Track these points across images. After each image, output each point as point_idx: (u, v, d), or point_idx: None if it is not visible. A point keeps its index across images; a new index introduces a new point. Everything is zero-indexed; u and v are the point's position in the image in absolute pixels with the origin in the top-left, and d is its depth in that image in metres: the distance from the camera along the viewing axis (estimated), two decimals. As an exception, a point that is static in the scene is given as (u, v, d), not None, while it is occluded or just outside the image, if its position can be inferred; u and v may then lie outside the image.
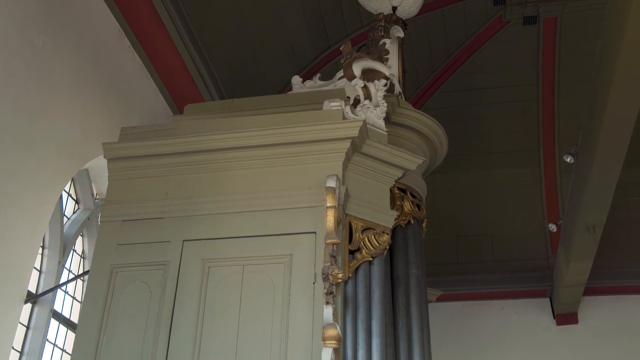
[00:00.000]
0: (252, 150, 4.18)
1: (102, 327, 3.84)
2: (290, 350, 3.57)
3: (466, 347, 9.54)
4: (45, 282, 5.19)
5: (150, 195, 4.19)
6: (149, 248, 4.01)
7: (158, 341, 3.71)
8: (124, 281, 3.95)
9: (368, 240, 4.06)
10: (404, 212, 4.84)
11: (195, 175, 4.23)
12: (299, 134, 4.11)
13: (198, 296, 3.81)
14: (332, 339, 3.42)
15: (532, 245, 9.89)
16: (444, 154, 5.48)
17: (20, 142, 4.50)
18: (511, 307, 9.84)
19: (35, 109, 4.68)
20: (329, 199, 3.79)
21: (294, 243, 3.87)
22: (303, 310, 3.65)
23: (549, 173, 9.75)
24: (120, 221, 4.13)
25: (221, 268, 3.89)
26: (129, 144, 4.33)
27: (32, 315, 5.12)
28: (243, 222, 3.99)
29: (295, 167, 4.13)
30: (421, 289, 4.76)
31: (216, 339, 3.69)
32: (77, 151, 5.17)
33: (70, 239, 5.52)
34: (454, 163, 9.74)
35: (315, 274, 3.71)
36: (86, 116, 5.29)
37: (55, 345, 5.43)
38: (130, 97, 5.98)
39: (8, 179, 4.38)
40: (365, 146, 4.20)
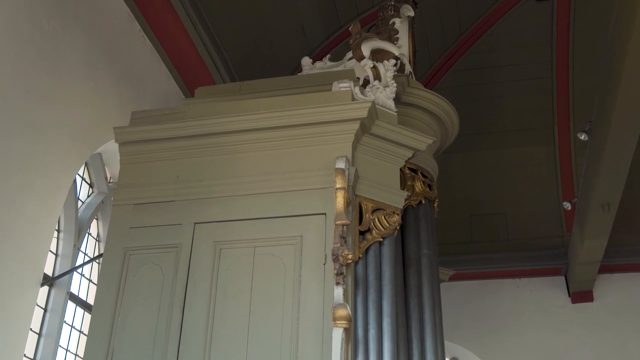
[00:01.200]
0: (262, 132, 4.19)
1: (117, 309, 3.90)
2: (302, 330, 3.60)
3: (481, 326, 9.57)
4: (61, 265, 5.26)
5: (162, 178, 4.22)
6: (161, 231, 4.05)
7: (171, 322, 3.77)
8: (137, 263, 4.00)
9: (378, 221, 4.08)
10: (415, 192, 4.84)
11: (206, 158, 4.25)
12: (308, 116, 4.11)
13: (210, 278, 3.85)
14: (342, 319, 3.45)
15: (547, 223, 9.85)
16: (455, 133, 5.45)
17: (33, 127, 4.54)
18: (526, 286, 9.83)
19: (46, 94, 4.72)
20: (338, 181, 3.80)
21: (304, 224, 3.89)
22: (314, 291, 3.68)
23: (564, 151, 9.69)
24: (132, 204, 4.18)
25: (232, 250, 3.92)
26: (140, 128, 4.36)
27: (50, 297, 5.21)
28: (254, 204, 4.02)
29: (305, 149, 4.14)
30: (433, 268, 4.77)
31: (228, 319, 3.73)
32: (90, 136, 5.21)
33: (85, 222, 5.58)
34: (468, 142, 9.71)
35: (326, 255, 3.73)
36: (98, 101, 5.33)
37: (72, 326, 5.52)
38: (142, 81, 6.00)
39: (21, 164, 4.43)
40: (374, 127, 4.19)
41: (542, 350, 9.23)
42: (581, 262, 8.81)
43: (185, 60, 6.55)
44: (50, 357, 5.04)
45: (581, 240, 8.35)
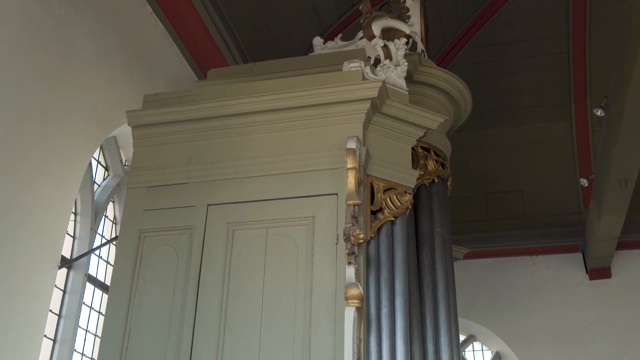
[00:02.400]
0: (273, 113, 4.21)
1: (133, 290, 3.96)
2: (314, 309, 3.64)
3: (498, 304, 9.57)
4: (79, 248, 5.34)
5: (175, 161, 4.26)
6: (174, 213, 4.10)
7: (186, 302, 3.82)
8: (152, 246, 4.05)
9: (390, 200, 4.09)
10: (428, 171, 4.84)
11: (218, 140, 4.28)
12: (318, 96, 4.11)
13: (223, 259, 3.89)
14: (354, 298, 3.48)
15: (563, 200, 9.79)
16: (468, 111, 5.42)
17: (46, 112, 4.59)
18: (543, 263, 9.81)
19: (59, 79, 4.76)
20: (349, 161, 3.81)
21: (316, 205, 3.92)
22: (326, 270, 3.71)
23: (581, 127, 9.60)
24: (146, 187, 4.23)
25: (245, 231, 3.96)
26: (152, 111, 4.39)
27: (68, 279, 5.29)
28: (266, 186, 4.05)
29: (316, 130, 4.15)
30: (446, 247, 4.77)
31: (242, 299, 3.78)
32: (104, 119, 5.26)
33: (101, 205, 5.65)
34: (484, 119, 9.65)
35: (338, 235, 3.75)
36: (111, 84, 5.36)
37: (91, 307, 5.61)
38: (154, 63, 6.02)
39: (36, 149, 4.49)
40: (385, 106, 4.19)
41: (559, 327, 9.22)
42: (598, 239, 8.77)
43: (197, 42, 6.56)
44: (70, 337, 5.13)
45: (598, 217, 8.30)
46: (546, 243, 9.74)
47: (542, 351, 9.14)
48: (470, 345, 9.82)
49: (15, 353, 4.24)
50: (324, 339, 3.55)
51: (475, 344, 9.85)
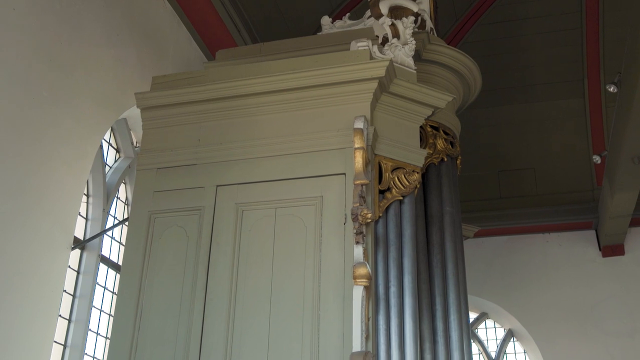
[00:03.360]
0: (280, 94, 4.21)
1: (144, 271, 4.00)
2: (323, 288, 3.67)
3: (511, 282, 9.59)
4: (92, 229, 5.40)
5: (183, 142, 4.28)
6: (184, 194, 4.12)
7: (197, 282, 3.86)
8: (162, 227, 4.09)
9: (398, 180, 4.09)
10: (437, 150, 4.83)
11: (226, 121, 4.29)
12: (326, 76, 4.11)
13: (233, 239, 3.92)
14: (362, 277, 3.50)
15: (576, 177, 9.75)
16: (478, 89, 5.39)
17: (56, 95, 4.62)
18: (556, 241, 9.79)
19: (68, 62, 4.79)
20: (356, 140, 3.81)
21: (324, 185, 3.93)
22: (334, 250, 3.73)
23: (594, 103, 9.51)
24: (155, 169, 4.25)
25: (254, 211, 3.99)
26: (161, 93, 4.40)
27: (82, 260, 5.36)
28: (274, 166, 4.06)
29: (324, 110, 4.15)
30: (456, 226, 4.78)
31: (251, 279, 3.81)
32: (113, 101, 5.28)
33: (113, 186, 5.70)
34: (496, 97, 9.61)
35: (346, 215, 3.76)
36: (120, 66, 5.38)
37: (105, 287, 5.69)
38: (163, 45, 6.03)
39: (47, 131, 4.53)
40: (393, 85, 4.18)
41: (572, 305, 9.23)
42: (612, 216, 8.73)
43: (206, 22, 6.55)
44: (85, 317, 5.21)
45: (611, 194, 8.26)
46: (559, 221, 9.72)
47: (555, 328, 9.16)
48: (482, 323, 9.86)
49: (30, 332, 4.32)
50: (333, 318, 3.58)
51: (488, 321, 9.89)
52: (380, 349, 3.70)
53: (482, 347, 9.65)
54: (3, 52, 4.20)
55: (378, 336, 3.71)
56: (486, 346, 9.68)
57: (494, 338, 9.77)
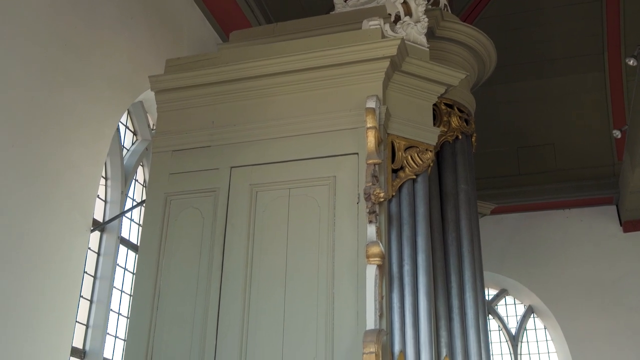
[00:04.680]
0: (293, 74, 4.22)
1: (161, 252, 4.07)
2: (337, 268, 3.70)
3: (530, 258, 9.55)
4: (111, 211, 5.48)
5: (198, 124, 4.31)
6: (199, 176, 4.17)
7: (213, 263, 3.92)
8: (178, 208, 4.14)
9: (411, 159, 4.09)
10: (452, 128, 4.83)
11: (239, 103, 4.32)
12: (337, 56, 4.11)
13: (247, 220, 3.96)
14: (375, 256, 3.53)
15: (597, 152, 9.65)
16: (493, 66, 5.35)
17: (72, 79, 4.67)
18: (576, 216, 9.72)
19: (83, 45, 4.83)
20: (369, 120, 3.82)
21: (337, 165, 3.95)
22: (348, 229, 3.76)
23: (615, 77, 9.37)
24: (170, 151, 4.30)
25: (268, 192, 4.02)
26: (174, 76, 4.43)
27: (102, 242, 5.45)
28: (287, 147, 4.08)
29: (336, 90, 4.15)
30: (471, 203, 4.78)
31: (266, 259, 3.86)
32: (129, 85, 5.33)
33: (130, 169, 5.77)
34: (514, 72, 9.52)
35: (359, 194, 3.78)
36: (134, 49, 5.41)
37: (125, 269, 5.78)
38: (177, 27, 6.05)
39: (63, 115, 4.58)
40: (405, 64, 4.16)
41: (592, 280, 9.19)
42: (632, 191, 8.64)
43: (221, 4, 6.55)
44: (106, 298, 5.31)
45: (632, 169, 8.18)
46: (579, 196, 9.64)
47: (575, 304, 9.14)
48: (502, 300, 9.86)
49: (53, 313, 4.41)
50: (347, 297, 3.61)
51: (508, 298, 9.88)
52: (395, 327, 3.73)
53: (502, 324, 9.66)
54: (19, 38, 4.25)
55: (392, 314, 3.75)
56: (506, 322, 9.69)
57: (513, 314, 9.77)
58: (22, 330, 4.14)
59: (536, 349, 9.53)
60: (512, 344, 9.53)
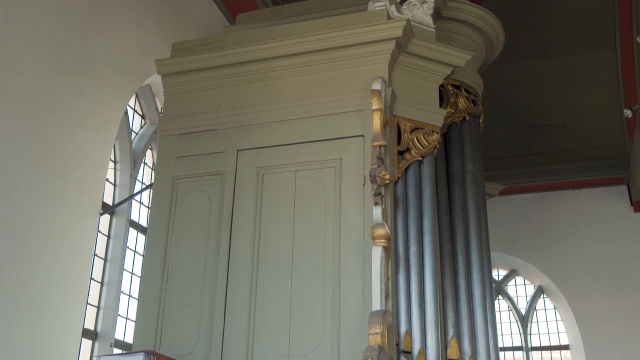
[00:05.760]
0: (298, 57, 4.22)
1: (169, 235, 4.11)
2: (343, 249, 3.73)
3: (540, 238, 9.53)
4: (120, 195, 5.52)
5: (204, 108, 4.33)
6: (206, 159, 4.20)
7: (220, 245, 3.95)
8: (185, 191, 4.18)
9: (417, 140, 4.10)
10: (459, 109, 4.81)
11: (245, 86, 4.33)
12: (342, 38, 4.10)
13: (254, 202, 3.99)
14: (381, 237, 3.54)
15: (607, 132, 9.58)
16: (500, 46, 5.32)
17: (79, 63, 4.69)
18: (586, 196, 9.67)
19: (90, 30, 4.84)
20: (374, 102, 3.82)
21: (343, 147, 3.96)
22: (354, 211, 3.78)
23: (626, 56, 9.28)
24: (177, 135, 4.32)
25: (275, 175, 4.05)
26: (181, 59, 4.44)
27: (112, 225, 5.49)
28: (293, 129, 4.10)
29: (341, 72, 4.15)
30: (478, 184, 4.78)
31: (273, 241, 3.89)
32: (136, 68, 5.34)
33: (139, 152, 5.80)
34: (525, 52, 9.44)
35: (365, 176, 3.79)
36: (141, 33, 5.42)
37: (135, 251, 5.83)
38: (184, 9, 6.04)
39: (71, 99, 4.61)
40: (411, 45, 4.15)
41: (603, 261, 9.16)
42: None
43: (227, -15, 6.54)
44: (117, 280, 5.37)
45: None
46: (589, 176, 9.58)
47: (585, 284, 9.12)
48: (512, 280, 9.86)
49: (64, 295, 4.47)
50: (353, 278, 3.64)
51: (518, 278, 9.88)
52: (401, 308, 3.76)
53: (511, 304, 9.68)
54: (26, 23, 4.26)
55: (398, 295, 3.78)
56: (516, 303, 9.70)
57: (523, 295, 9.78)
58: (35, 312, 4.20)
59: (546, 329, 9.54)
60: (522, 324, 9.55)
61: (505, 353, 9.38)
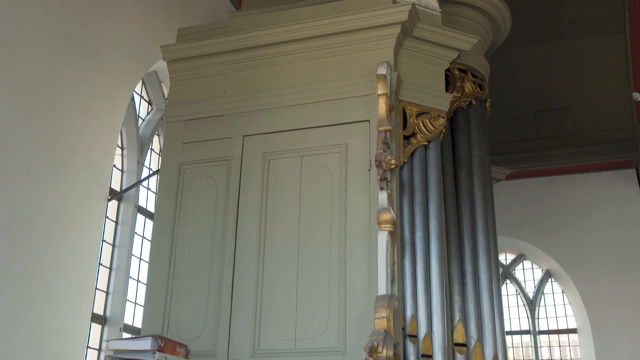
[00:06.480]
0: (303, 42, 4.22)
1: (176, 220, 4.14)
2: (349, 234, 3.75)
3: (548, 223, 9.51)
4: (128, 181, 5.53)
5: (210, 93, 4.34)
6: (212, 145, 4.21)
7: (226, 231, 3.98)
8: (192, 177, 4.20)
9: (423, 125, 4.09)
10: (465, 93, 4.80)
11: (251, 72, 4.34)
12: (347, 23, 4.10)
13: (260, 188, 4.01)
14: (386, 222, 3.56)
15: (616, 115, 9.51)
16: (507, 29, 5.29)
17: (84, 49, 4.69)
18: (595, 180, 9.63)
19: (95, 16, 4.83)
20: (379, 87, 3.82)
21: (348, 132, 3.97)
22: (359, 196, 3.79)
23: (636, 38, 9.18)
24: (183, 121, 4.34)
25: (280, 160, 4.07)
26: (186, 45, 4.45)
27: (120, 211, 5.52)
28: (299, 115, 4.11)
29: (347, 57, 4.15)
30: (485, 169, 4.77)
31: (279, 226, 3.91)
32: (142, 54, 5.33)
33: (146, 138, 5.81)
34: (532, 35, 9.36)
35: (370, 161, 3.80)
36: (147, 18, 5.41)
37: (143, 237, 5.86)
38: (190, -6, 6.02)
39: (77, 86, 4.61)
40: (416, 29, 4.14)
41: (611, 244, 9.14)
42: (653, 154, 8.55)
43: (232, -31, 6.51)
44: (125, 265, 5.40)
45: (651, 132, 8.07)
46: (598, 160, 9.53)
47: (593, 268, 9.11)
48: (520, 264, 9.87)
49: (73, 281, 4.51)
50: (359, 263, 3.66)
51: (525, 262, 9.88)
52: (406, 292, 3.78)
53: (519, 288, 9.69)
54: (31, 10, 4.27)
55: (404, 280, 3.79)
56: (524, 287, 9.71)
57: (531, 279, 9.78)
58: (44, 298, 4.24)
59: (554, 313, 9.55)
60: (529, 308, 9.56)
61: (513, 337, 9.40)
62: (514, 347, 9.42)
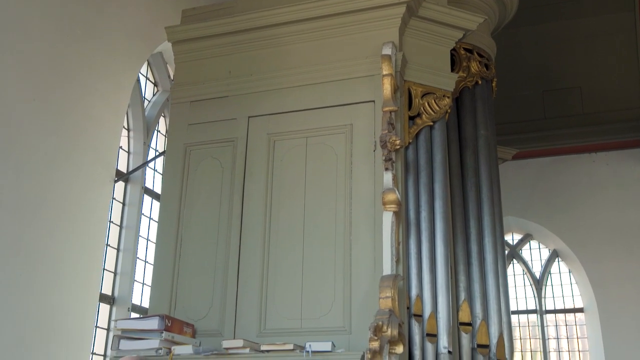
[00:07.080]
0: (308, 22, 4.20)
1: (182, 201, 4.15)
2: (354, 215, 3.75)
3: (555, 202, 9.48)
4: (134, 162, 5.57)
5: (215, 75, 4.34)
6: (217, 126, 4.21)
7: (232, 212, 3.99)
8: (198, 158, 4.21)
9: (428, 105, 4.08)
10: (471, 73, 4.77)
11: (255, 52, 4.32)
12: (353, 3, 4.07)
13: (266, 169, 4.02)
14: (391, 203, 3.56)
15: (625, 95, 9.44)
16: (514, 8, 5.25)
17: (90, 32, 4.69)
18: (602, 160, 9.57)
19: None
20: (384, 67, 3.80)
21: (353, 113, 3.96)
22: (364, 177, 3.79)
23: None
24: (189, 102, 4.34)
25: (286, 141, 4.06)
26: (191, 26, 4.43)
27: (126, 192, 5.56)
28: (304, 95, 4.10)
29: (352, 37, 4.13)
30: (491, 149, 4.76)
31: (285, 206, 3.92)
32: (147, 36, 5.33)
33: (152, 120, 5.83)
34: (540, 13, 9.28)
35: (375, 142, 3.79)
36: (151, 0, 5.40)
37: (150, 218, 5.90)
38: (195, -25, 5.99)
39: (82, 68, 4.63)
40: (422, 9, 4.11)
41: (618, 224, 9.11)
42: (661, 133, 8.50)
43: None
44: (132, 246, 5.45)
45: (660, 110, 8.01)
46: (606, 140, 9.47)
47: (600, 248, 9.10)
48: (527, 244, 9.87)
49: (81, 261, 4.56)
50: (364, 243, 3.67)
51: (532, 242, 9.88)
52: (412, 272, 3.80)
53: (526, 268, 9.70)
54: (36, -9, 4.27)
55: (409, 260, 3.81)
56: (530, 267, 9.72)
57: (538, 259, 9.78)
58: (53, 278, 4.29)
59: (560, 292, 9.56)
60: (536, 288, 9.58)
61: (520, 316, 9.43)
62: (521, 326, 9.45)
